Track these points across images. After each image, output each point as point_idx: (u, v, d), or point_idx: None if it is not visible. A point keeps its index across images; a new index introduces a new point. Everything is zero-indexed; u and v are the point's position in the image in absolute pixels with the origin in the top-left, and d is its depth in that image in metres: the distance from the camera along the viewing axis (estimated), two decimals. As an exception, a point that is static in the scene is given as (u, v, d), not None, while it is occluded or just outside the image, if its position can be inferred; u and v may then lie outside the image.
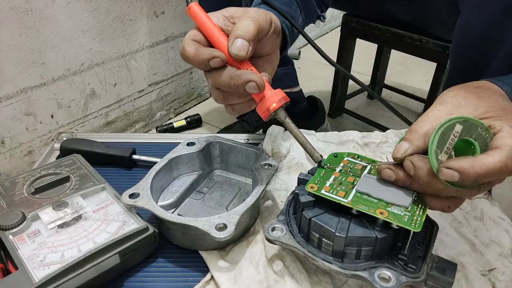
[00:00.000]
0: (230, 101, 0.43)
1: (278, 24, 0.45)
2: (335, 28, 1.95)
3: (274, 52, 0.48)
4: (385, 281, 0.35)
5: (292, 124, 0.42)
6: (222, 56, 0.40)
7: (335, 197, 0.38)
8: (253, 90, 0.40)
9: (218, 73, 0.40)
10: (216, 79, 0.41)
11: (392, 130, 0.64)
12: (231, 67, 0.40)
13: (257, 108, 0.42)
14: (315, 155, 0.42)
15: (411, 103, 1.27)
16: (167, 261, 0.46)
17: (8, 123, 0.82)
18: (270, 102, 0.41)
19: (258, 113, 0.42)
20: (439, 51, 0.85)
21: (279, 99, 0.41)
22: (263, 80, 0.40)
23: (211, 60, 0.39)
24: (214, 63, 0.40)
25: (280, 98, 0.41)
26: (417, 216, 0.36)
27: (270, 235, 0.40)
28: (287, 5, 0.55)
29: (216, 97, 0.43)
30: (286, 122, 0.42)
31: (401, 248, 0.38)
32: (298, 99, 0.99)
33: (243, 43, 0.39)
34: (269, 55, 0.47)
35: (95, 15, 0.90)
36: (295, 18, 0.56)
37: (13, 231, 0.42)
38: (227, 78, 0.40)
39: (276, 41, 0.46)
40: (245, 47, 0.39)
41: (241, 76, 0.39)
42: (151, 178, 0.48)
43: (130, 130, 1.10)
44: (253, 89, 0.40)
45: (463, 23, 0.56)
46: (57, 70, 0.87)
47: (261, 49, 0.44)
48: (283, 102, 0.41)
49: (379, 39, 0.96)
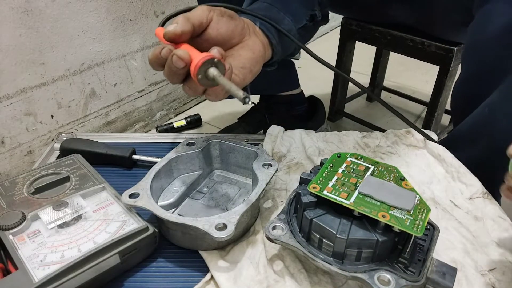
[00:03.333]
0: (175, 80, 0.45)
1: (224, 10, 0.48)
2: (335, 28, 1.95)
3: (247, 38, 0.50)
4: (385, 284, 0.35)
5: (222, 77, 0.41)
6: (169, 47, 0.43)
7: (337, 199, 0.38)
8: (178, 62, 0.41)
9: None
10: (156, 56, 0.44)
11: (392, 130, 0.64)
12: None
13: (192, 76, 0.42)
14: (238, 94, 0.39)
15: (411, 104, 1.27)
16: (167, 261, 0.46)
17: (8, 123, 0.82)
18: (193, 65, 0.41)
19: (194, 81, 0.42)
20: (442, 54, 0.84)
21: (201, 57, 0.40)
22: (188, 53, 0.41)
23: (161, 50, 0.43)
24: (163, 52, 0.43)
25: (202, 57, 0.40)
26: (419, 220, 0.36)
27: (270, 233, 0.40)
28: (265, 10, 0.58)
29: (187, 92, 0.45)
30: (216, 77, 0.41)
31: (402, 251, 0.38)
32: (299, 101, 0.98)
33: (171, 25, 0.43)
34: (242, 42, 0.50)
35: (95, 15, 0.90)
36: (278, 20, 0.57)
37: (13, 231, 0.42)
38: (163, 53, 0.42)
39: (231, 24, 0.48)
40: (172, 26, 0.43)
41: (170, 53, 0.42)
42: (151, 178, 0.48)
43: (130, 130, 1.10)
44: (178, 62, 0.41)
45: (478, 27, 0.55)
46: (57, 70, 0.87)
47: (218, 33, 0.47)
48: (205, 59, 0.40)
49: (380, 42, 0.95)
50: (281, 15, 0.59)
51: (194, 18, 0.44)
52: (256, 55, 0.50)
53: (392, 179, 0.41)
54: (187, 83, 0.44)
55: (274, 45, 0.56)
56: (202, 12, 0.46)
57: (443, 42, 0.84)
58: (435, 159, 0.58)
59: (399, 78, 1.47)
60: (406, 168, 0.57)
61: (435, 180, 0.55)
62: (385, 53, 1.22)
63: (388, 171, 0.43)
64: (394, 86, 1.36)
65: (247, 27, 0.51)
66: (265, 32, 0.54)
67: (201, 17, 0.45)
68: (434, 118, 0.95)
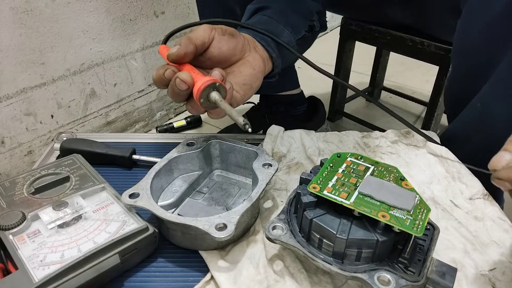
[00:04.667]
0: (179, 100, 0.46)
1: (225, 28, 0.49)
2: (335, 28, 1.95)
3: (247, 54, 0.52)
4: (385, 284, 0.35)
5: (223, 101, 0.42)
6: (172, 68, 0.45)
7: (337, 199, 0.38)
8: (181, 85, 0.42)
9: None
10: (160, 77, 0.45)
11: (392, 130, 0.64)
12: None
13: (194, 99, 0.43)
14: (238, 120, 0.41)
15: (411, 104, 1.27)
16: (167, 261, 0.46)
17: (8, 123, 0.82)
18: (196, 88, 0.42)
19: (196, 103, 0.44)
20: (441, 54, 0.84)
21: (203, 82, 0.42)
22: (190, 75, 0.43)
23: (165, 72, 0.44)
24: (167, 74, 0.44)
25: (204, 81, 0.42)
26: (419, 220, 0.36)
27: (270, 233, 0.40)
28: (264, 24, 0.59)
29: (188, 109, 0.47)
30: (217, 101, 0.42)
31: (402, 251, 0.38)
32: (299, 101, 0.98)
33: (174, 47, 0.45)
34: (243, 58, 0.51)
35: (95, 15, 0.90)
36: (277, 33, 0.58)
37: (13, 231, 0.42)
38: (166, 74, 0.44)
39: (232, 42, 0.49)
40: (175, 48, 0.45)
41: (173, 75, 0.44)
42: (151, 178, 0.48)
43: (130, 130, 1.10)
44: (181, 84, 0.42)
45: (464, 24, 0.55)
46: (57, 70, 0.87)
47: (220, 52, 0.48)
48: (206, 84, 0.42)
49: (379, 42, 0.95)
50: (280, 28, 0.60)
51: (196, 39, 0.46)
52: (257, 70, 0.52)
53: (392, 179, 0.41)
54: (190, 103, 0.46)
55: (274, 59, 0.57)
56: (204, 32, 0.47)
57: (443, 42, 0.84)
58: (436, 159, 0.58)
59: (399, 78, 1.47)
60: (406, 168, 0.57)
61: (435, 180, 0.55)
62: (385, 53, 1.22)
63: (388, 171, 0.43)
64: (394, 86, 1.36)
65: (247, 43, 0.53)
66: (265, 47, 0.55)
67: (203, 37, 0.47)
68: (434, 118, 0.95)
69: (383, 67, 1.26)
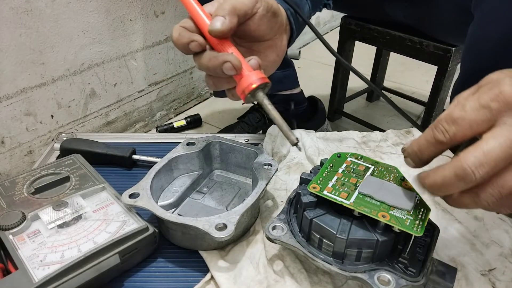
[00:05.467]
0: (220, 86, 0.43)
1: (271, 3, 0.44)
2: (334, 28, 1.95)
3: (278, 37, 0.47)
4: (385, 284, 0.35)
5: (270, 106, 0.41)
6: (199, 40, 0.40)
7: (337, 199, 0.38)
8: (230, 71, 0.39)
9: (200, 56, 0.41)
10: (198, 62, 0.41)
11: (392, 130, 0.64)
12: (213, 51, 0.41)
13: (236, 90, 0.41)
14: (291, 137, 0.40)
15: (410, 104, 1.27)
16: (167, 261, 0.46)
17: (8, 123, 0.82)
18: (246, 82, 0.40)
19: (238, 94, 0.41)
20: (440, 54, 0.84)
21: (256, 79, 0.40)
22: (240, 60, 0.40)
23: (189, 43, 0.40)
24: (193, 47, 0.40)
25: (257, 78, 0.40)
26: (419, 220, 0.36)
27: (270, 233, 0.40)
28: None
29: (207, 83, 0.44)
30: (264, 104, 0.41)
31: (402, 251, 0.38)
32: (299, 100, 0.98)
33: (218, 18, 0.39)
34: (272, 40, 0.46)
35: (95, 15, 0.90)
36: (300, 5, 0.55)
37: (13, 231, 0.42)
38: (206, 60, 0.40)
39: (272, 22, 0.45)
40: (219, 21, 0.39)
41: (217, 57, 0.40)
42: (151, 178, 0.48)
43: (130, 130, 1.10)
44: (229, 70, 0.39)
45: (478, 29, 0.54)
46: (57, 70, 0.87)
47: (257, 29, 0.44)
48: (259, 82, 0.40)
49: (379, 42, 0.95)
50: (304, 0, 0.57)
51: (240, 9, 0.40)
52: (280, 57, 0.49)
53: (392, 179, 0.41)
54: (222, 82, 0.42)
55: (293, 40, 0.53)
56: (249, 1, 0.41)
57: (441, 42, 0.84)
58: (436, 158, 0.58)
59: (399, 78, 1.47)
60: (406, 168, 0.57)
61: (435, 180, 0.55)
62: (385, 53, 1.22)
63: (388, 171, 0.43)
64: (394, 86, 1.36)
65: (282, 24, 0.48)
66: (291, 26, 0.51)
67: (248, 7, 0.41)
68: (432, 118, 0.95)
69: (383, 67, 1.26)
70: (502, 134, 0.28)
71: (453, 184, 0.30)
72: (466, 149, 0.30)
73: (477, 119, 0.30)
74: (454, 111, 0.31)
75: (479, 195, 0.30)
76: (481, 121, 0.30)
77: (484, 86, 0.31)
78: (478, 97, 0.30)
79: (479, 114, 0.30)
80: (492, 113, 0.29)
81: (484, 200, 0.29)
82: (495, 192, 0.29)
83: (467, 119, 0.30)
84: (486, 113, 0.29)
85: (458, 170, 0.29)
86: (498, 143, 0.28)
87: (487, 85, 0.31)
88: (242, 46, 0.46)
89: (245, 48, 0.46)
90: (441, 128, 0.31)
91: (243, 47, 0.45)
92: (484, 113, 0.29)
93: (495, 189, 0.29)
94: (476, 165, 0.28)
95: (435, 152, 0.33)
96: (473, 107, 0.30)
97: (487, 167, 0.28)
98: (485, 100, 0.29)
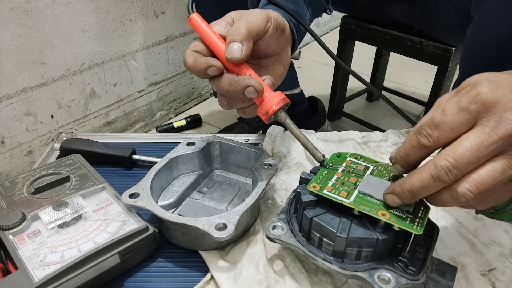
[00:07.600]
0: (235, 106, 0.44)
1: (280, 20, 0.45)
2: (335, 28, 1.95)
3: (284, 50, 0.48)
4: (385, 283, 0.35)
5: (293, 125, 0.42)
6: (217, 65, 0.40)
7: (337, 197, 0.38)
8: (252, 94, 0.40)
9: (218, 80, 0.41)
10: (217, 86, 0.42)
11: (392, 130, 0.64)
12: (230, 74, 0.41)
13: (258, 111, 0.42)
14: (317, 155, 0.42)
15: (411, 104, 1.27)
16: (167, 261, 0.46)
17: (8, 123, 0.82)
18: (269, 104, 0.41)
19: (260, 115, 0.42)
20: (440, 54, 0.84)
21: (278, 101, 0.41)
22: (262, 83, 0.40)
23: (208, 69, 0.40)
24: (211, 72, 0.40)
25: (279, 100, 0.41)
26: (419, 218, 0.36)
27: (270, 233, 0.40)
28: (293, 3, 0.55)
29: (221, 103, 0.44)
30: (287, 124, 0.42)
31: (402, 250, 0.38)
32: (299, 100, 0.99)
33: (236, 46, 0.40)
34: (278, 54, 0.47)
35: (95, 15, 0.90)
36: (302, 14, 0.56)
37: (13, 231, 0.42)
38: (226, 84, 0.41)
39: (281, 39, 0.46)
40: (238, 49, 0.40)
41: (239, 82, 0.40)
42: (151, 178, 0.48)
43: (130, 130, 1.10)
44: (252, 94, 0.40)
45: (477, 31, 0.54)
46: (57, 70, 0.87)
47: (266, 48, 0.44)
48: (282, 104, 0.41)
49: (379, 42, 0.95)
50: (305, 9, 0.58)
51: (254, 31, 0.41)
52: (286, 69, 0.49)
53: (392, 179, 0.41)
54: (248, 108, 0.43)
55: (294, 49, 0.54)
56: (261, 23, 0.42)
57: (441, 42, 0.84)
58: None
59: (399, 78, 1.47)
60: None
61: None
62: (385, 53, 1.22)
63: (388, 170, 0.43)
64: (394, 86, 1.36)
65: (288, 37, 0.49)
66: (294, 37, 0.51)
67: (260, 29, 0.42)
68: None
69: (383, 67, 1.26)
70: (476, 135, 0.30)
71: (430, 185, 0.31)
72: (442, 151, 0.31)
73: (458, 121, 0.31)
74: (435, 116, 0.32)
75: (457, 192, 0.31)
76: (461, 124, 0.31)
77: (463, 89, 0.32)
78: (458, 100, 0.31)
79: (459, 117, 0.31)
80: (472, 115, 0.30)
81: (462, 196, 0.31)
82: (473, 189, 0.30)
83: (448, 123, 0.31)
84: (465, 116, 0.30)
85: (433, 172, 0.31)
86: (470, 145, 0.30)
87: (466, 88, 0.32)
88: (251, 63, 0.46)
89: (254, 64, 0.46)
90: (425, 133, 0.32)
91: (253, 64, 0.46)
92: (463, 116, 0.31)
93: (473, 186, 0.30)
94: (449, 167, 0.30)
95: (421, 156, 0.34)
96: (452, 110, 0.31)
97: (459, 168, 0.30)
98: (464, 103, 0.31)
